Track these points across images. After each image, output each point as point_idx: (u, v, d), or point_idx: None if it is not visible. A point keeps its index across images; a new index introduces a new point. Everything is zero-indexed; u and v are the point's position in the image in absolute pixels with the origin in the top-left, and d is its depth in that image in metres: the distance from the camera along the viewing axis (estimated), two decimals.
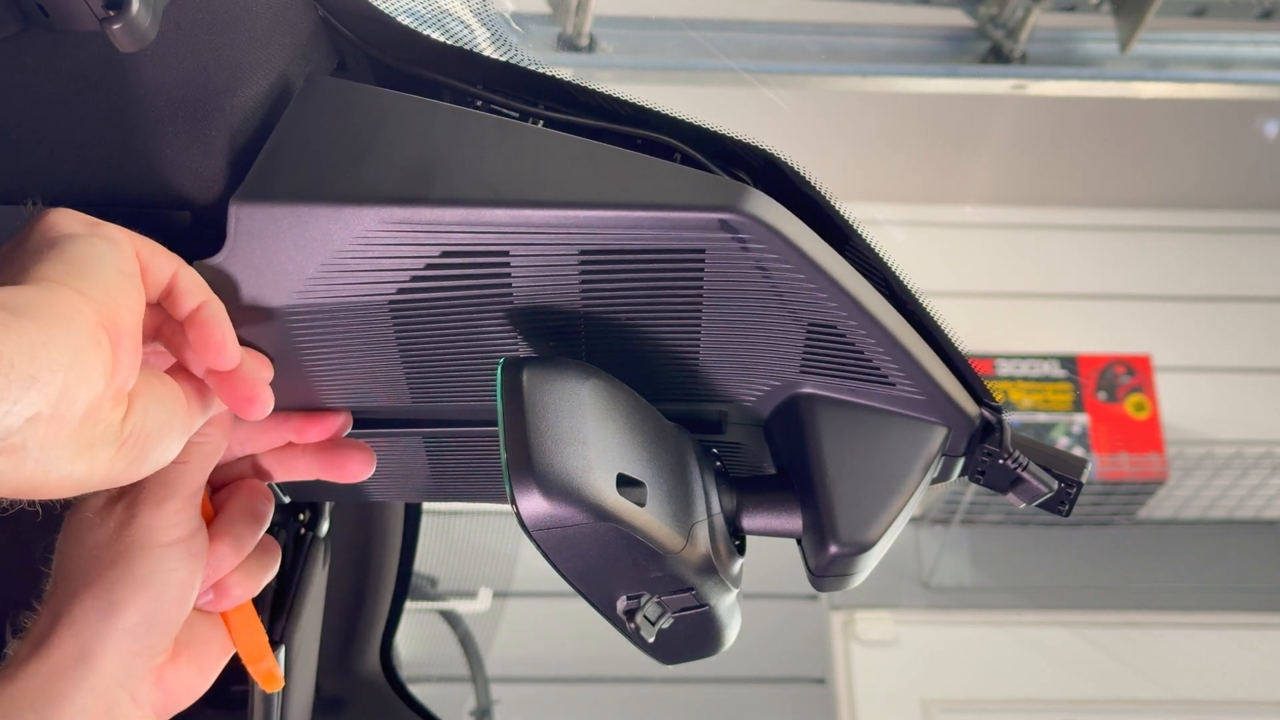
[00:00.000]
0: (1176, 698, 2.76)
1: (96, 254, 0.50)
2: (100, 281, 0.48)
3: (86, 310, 0.47)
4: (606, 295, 0.58)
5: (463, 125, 0.58)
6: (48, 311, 0.45)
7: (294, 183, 0.55)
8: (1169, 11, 1.81)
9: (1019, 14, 1.84)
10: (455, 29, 0.65)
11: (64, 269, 0.48)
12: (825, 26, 1.90)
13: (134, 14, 0.46)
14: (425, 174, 0.55)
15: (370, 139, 0.56)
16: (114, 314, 0.48)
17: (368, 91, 0.59)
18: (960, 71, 1.88)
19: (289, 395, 0.62)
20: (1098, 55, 1.91)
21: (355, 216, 0.54)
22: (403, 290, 0.57)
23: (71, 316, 0.46)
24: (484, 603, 2.44)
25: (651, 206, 0.54)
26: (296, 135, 0.56)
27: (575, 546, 0.55)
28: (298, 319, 0.58)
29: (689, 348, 0.61)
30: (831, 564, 0.59)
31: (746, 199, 0.55)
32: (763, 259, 0.56)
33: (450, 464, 0.69)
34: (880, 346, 0.59)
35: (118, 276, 0.50)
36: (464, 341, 0.60)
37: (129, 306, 0.49)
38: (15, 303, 0.44)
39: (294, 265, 0.56)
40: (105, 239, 0.51)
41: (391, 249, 0.55)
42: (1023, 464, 0.62)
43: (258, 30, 0.57)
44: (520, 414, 0.55)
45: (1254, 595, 2.86)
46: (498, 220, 0.55)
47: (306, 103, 0.58)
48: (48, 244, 0.50)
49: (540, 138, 0.58)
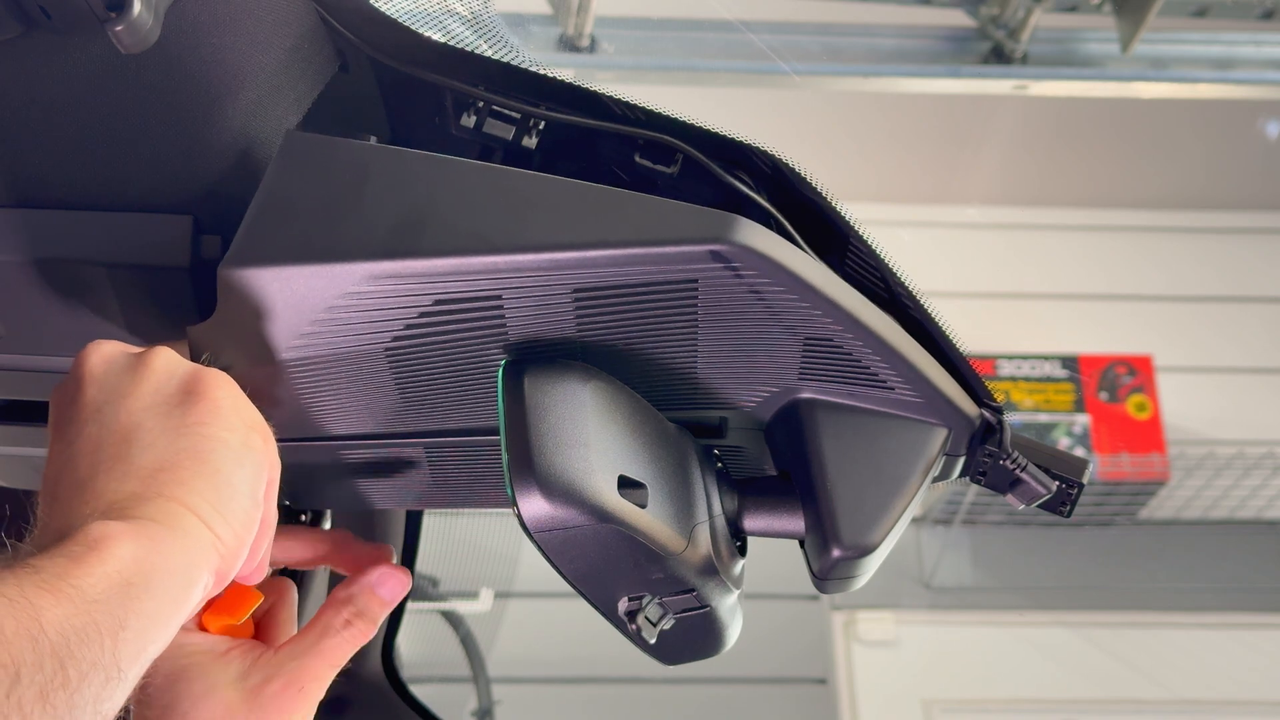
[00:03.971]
0: (1178, 698, 2.75)
1: (242, 478, 0.49)
2: (239, 519, 0.48)
3: (210, 561, 0.46)
4: (602, 327, 0.58)
5: (445, 173, 0.57)
6: (174, 572, 0.44)
7: (279, 245, 0.55)
8: (1170, 12, 1.81)
9: (1020, 14, 1.84)
10: (456, 30, 0.65)
11: (212, 497, 0.47)
12: (827, 27, 1.90)
13: (136, 15, 0.46)
14: (411, 226, 0.55)
15: (353, 194, 0.56)
16: (231, 559, 0.48)
17: (347, 145, 0.59)
18: (962, 72, 1.88)
19: (290, 427, 0.62)
20: (1099, 55, 1.90)
21: (343, 273, 0.54)
22: (397, 338, 0.57)
23: (194, 573, 0.45)
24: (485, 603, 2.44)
25: (641, 243, 0.54)
26: (279, 195, 0.56)
27: (577, 548, 0.55)
28: (294, 369, 0.58)
29: (686, 365, 0.61)
30: (835, 567, 0.59)
31: (735, 229, 0.55)
32: (755, 284, 0.56)
33: (451, 471, 0.69)
34: (876, 355, 0.59)
35: (252, 508, 0.49)
36: (461, 376, 0.60)
37: (247, 548, 0.49)
38: (147, 560, 0.43)
39: (286, 324, 0.56)
40: (250, 453, 0.50)
41: (383, 301, 0.55)
42: (1021, 465, 0.62)
43: (259, 33, 0.57)
44: (522, 416, 0.55)
45: (1255, 595, 2.85)
46: (489, 267, 0.54)
47: (286, 161, 0.57)
48: (198, 435, 0.49)
49: (525, 180, 0.58)
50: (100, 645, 0.40)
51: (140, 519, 0.44)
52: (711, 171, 0.63)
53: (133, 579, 0.42)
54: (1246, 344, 3.04)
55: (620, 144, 0.65)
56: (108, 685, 0.40)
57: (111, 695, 0.40)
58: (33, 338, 0.62)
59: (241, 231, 0.55)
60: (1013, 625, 2.84)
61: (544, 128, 0.65)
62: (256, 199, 0.56)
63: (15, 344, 0.63)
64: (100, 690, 0.40)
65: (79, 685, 0.39)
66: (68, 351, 0.62)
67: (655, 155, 0.65)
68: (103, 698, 0.40)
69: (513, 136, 0.65)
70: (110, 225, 0.59)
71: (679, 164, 0.65)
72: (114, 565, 0.41)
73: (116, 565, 0.42)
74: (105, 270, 0.59)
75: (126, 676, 0.41)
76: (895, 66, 1.88)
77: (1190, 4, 1.83)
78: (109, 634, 0.40)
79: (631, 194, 0.57)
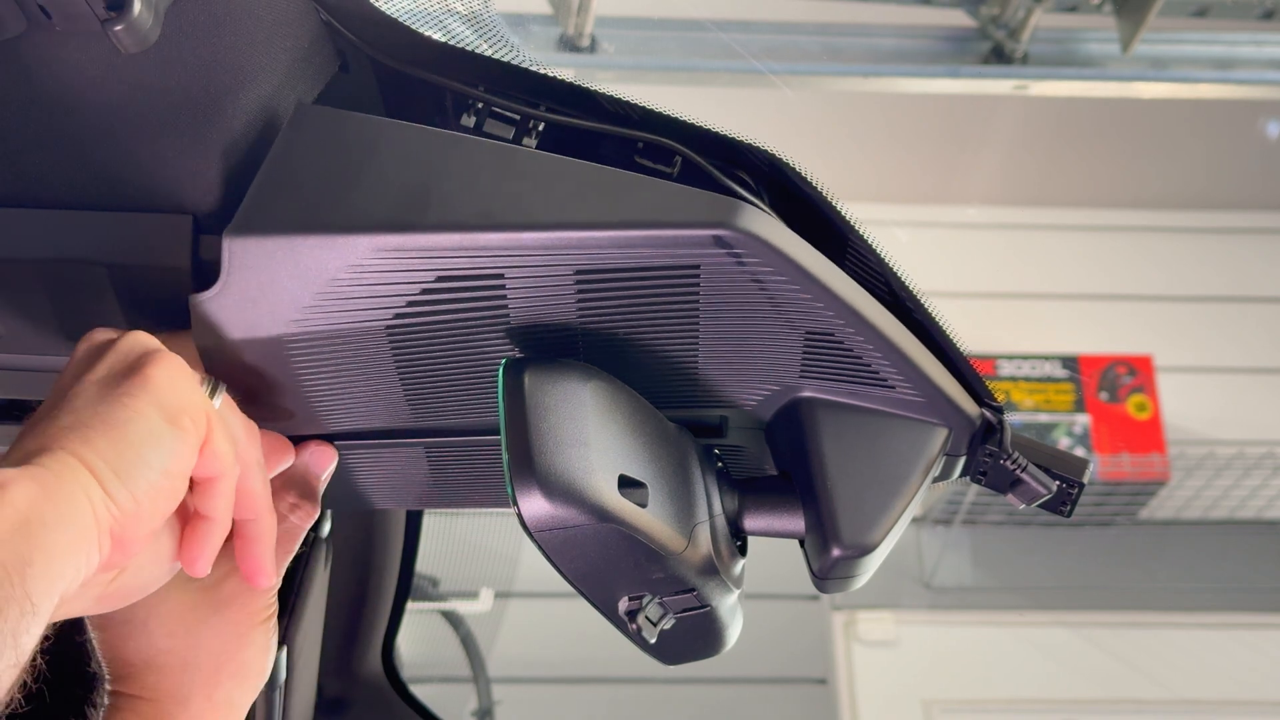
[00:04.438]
0: (1178, 698, 2.75)
1: (153, 449, 0.49)
2: (140, 487, 0.48)
3: (101, 518, 0.47)
4: (603, 312, 0.58)
5: (453, 150, 0.58)
6: (68, 515, 0.45)
7: (286, 214, 0.55)
8: (1170, 12, 1.81)
9: (1021, 14, 1.84)
10: (457, 30, 0.65)
11: (112, 457, 0.48)
12: (827, 27, 1.90)
13: (136, 15, 0.46)
14: (417, 200, 0.55)
15: (361, 167, 0.56)
16: (128, 524, 0.48)
17: (357, 119, 0.59)
18: (962, 72, 1.88)
19: (289, 419, 0.62)
20: (1099, 55, 1.90)
21: (348, 245, 0.54)
22: (399, 315, 0.57)
23: (87, 519, 0.46)
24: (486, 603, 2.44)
25: (645, 225, 0.54)
26: (287, 165, 0.56)
27: (577, 547, 0.55)
28: (295, 346, 0.58)
29: (687, 357, 0.61)
30: (835, 567, 0.59)
31: (739, 214, 0.55)
32: (757, 272, 0.56)
33: (451, 471, 0.69)
34: (878, 351, 0.59)
35: (161, 481, 0.50)
36: (462, 362, 0.60)
37: (151, 519, 0.50)
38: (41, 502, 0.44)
39: (289, 295, 0.56)
40: (172, 431, 0.50)
41: (386, 275, 0.55)
42: (1022, 465, 0.62)
43: (259, 33, 0.57)
44: (522, 415, 0.55)
45: (1255, 595, 2.85)
46: (492, 244, 0.54)
47: (296, 132, 0.58)
48: (119, 403, 0.49)
49: (531, 160, 0.58)
50: (10, 582, 0.42)
51: (34, 466, 0.46)
52: (708, 173, 0.63)
53: (29, 518, 0.44)
54: (1246, 344, 3.04)
55: (620, 144, 0.65)
56: (23, 619, 0.42)
57: (29, 629, 0.43)
58: (33, 338, 0.62)
59: (248, 200, 0.55)
60: (1013, 625, 2.84)
61: (544, 128, 0.65)
62: (264, 168, 0.56)
63: (15, 344, 0.63)
64: (17, 624, 0.42)
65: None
66: (68, 352, 0.61)
67: (655, 155, 0.65)
68: (20, 630, 0.42)
69: (512, 136, 0.65)
70: (110, 225, 0.59)
71: (679, 164, 0.65)
72: (9, 509, 0.43)
73: (11, 509, 0.43)
74: (105, 270, 0.59)
75: (40, 610, 0.43)
76: (895, 66, 1.88)
77: (1190, 4, 1.83)
78: (15, 570, 0.42)
79: (638, 176, 0.57)
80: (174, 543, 0.55)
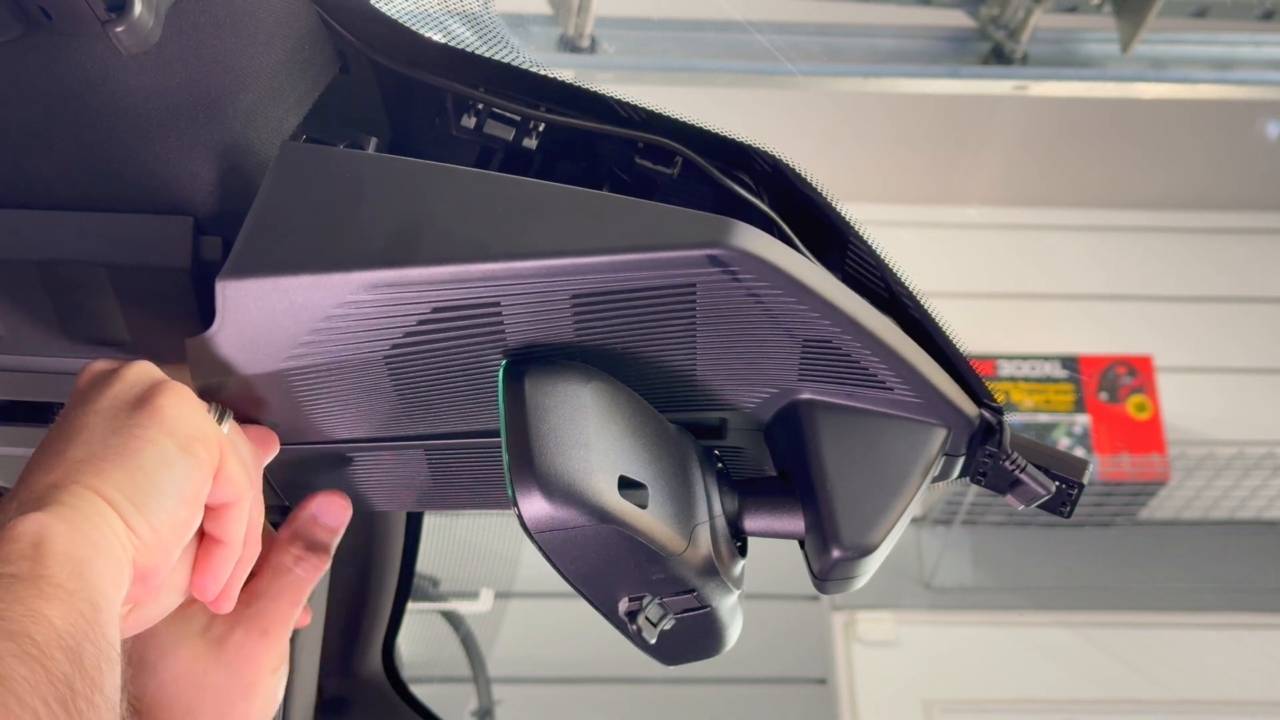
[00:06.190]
0: (1178, 698, 2.75)
1: (169, 478, 0.49)
2: (159, 518, 0.48)
3: (125, 550, 0.46)
4: (600, 333, 0.58)
5: (442, 181, 0.57)
6: (103, 549, 0.45)
7: (277, 255, 0.55)
8: (1170, 12, 1.81)
9: (1020, 15, 1.84)
10: (457, 31, 0.65)
11: (129, 489, 0.47)
12: (827, 27, 1.90)
13: (136, 16, 0.46)
14: (408, 235, 0.55)
15: (349, 203, 0.56)
16: (149, 554, 0.48)
17: (342, 155, 0.59)
18: (962, 72, 1.88)
19: (290, 432, 0.63)
20: (1099, 56, 1.90)
21: (342, 283, 0.54)
22: (396, 346, 0.57)
23: (118, 552, 0.46)
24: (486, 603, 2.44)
25: (639, 248, 0.54)
26: (276, 206, 0.56)
27: (577, 548, 0.55)
28: (294, 377, 0.58)
29: (685, 369, 0.61)
30: (835, 568, 0.59)
31: (732, 233, 0.55)
32: (753, 288, 0.56)
33: (451, 473, 0.69)
34: (875, 356, 0.59)
35: (179, 510, 0.49)
36: (461, 383, 0.60)
37: (170, 549, 0.49)
38: (46, 539, 0.43)
39: (285, 334, 0.56)
40: (186, 459, 0.50)
41: (381, 310, 0.55)
42: (1021, 465, 0.62)
43: (260, 34, 0.57)
44: (522, 417, 0.55)
45: (1255, 595, 2.85)
46: (486, 274, 0.54)
47: (282, 171, 0.57)
48: (131, 434, 0.49)
49: (521, 187, 0.58)
50: (96, 637, 0.41)
51: (55, 504, 0.45)
52: (709, 173, 0.63)
53: (77, 562, 0.43)
54: (1247, 344, 3.04)
55: (620, 145, 0.65)
56: (113, 669, 0.41)
57: (117, 677, 0.42)
58: (33, 338, 0.62)
59: (239, 243, 0.55)
60: (1013, 625, 2.84)
61: (544, 129, 0.65)
62: (253, 210, 0.56)
63: (15, 344, 0.63)
64: (115, 678, 0.41)
65: (99, 679, 0.40)
66: (68, 352, 0.62)
67: (655, 156, 0.65)
68: (117, 685, 0.41)
69: (513, 137, 0.65)
70: (110, 225, 0.59)
71: (679, 165, 0.65)
72: (60, 559, 0.43)
73: (63, 558, 0.43)
74: (105, 270, 0.59)
75: (117, 653, 0.43)
76: (895, 67, 1.88)
77: (1190, 4, 1.83)
78: (91, 620, 0.41)
79: (629, 199, 0.57)
80: (186, 570, 0.55)
